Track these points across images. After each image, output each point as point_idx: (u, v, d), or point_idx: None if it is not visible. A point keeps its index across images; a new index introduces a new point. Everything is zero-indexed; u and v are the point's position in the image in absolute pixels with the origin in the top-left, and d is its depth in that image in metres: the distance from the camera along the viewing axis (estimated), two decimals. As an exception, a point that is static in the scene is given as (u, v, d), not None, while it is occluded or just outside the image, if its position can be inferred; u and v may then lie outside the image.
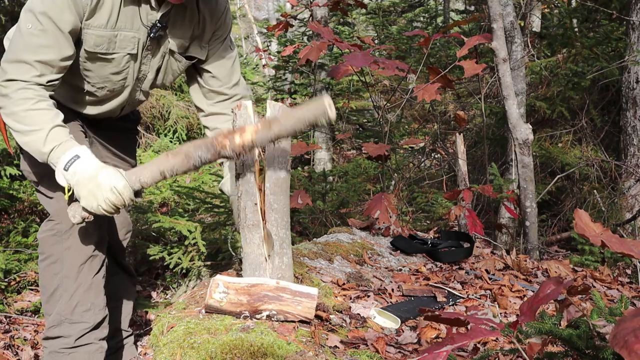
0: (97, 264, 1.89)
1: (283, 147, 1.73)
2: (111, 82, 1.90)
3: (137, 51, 1.86)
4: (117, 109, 2.04)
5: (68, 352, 1.87)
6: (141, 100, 2.08)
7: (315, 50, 3.16)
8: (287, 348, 1.37)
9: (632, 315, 0.80)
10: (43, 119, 1.69)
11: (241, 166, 1.71)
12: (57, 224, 1.85)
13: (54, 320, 1.87)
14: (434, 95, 3.05)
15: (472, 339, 0.96)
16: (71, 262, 1.85)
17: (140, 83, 1.98)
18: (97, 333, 1.90)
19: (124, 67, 1.87)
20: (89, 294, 1.87)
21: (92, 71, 1.86)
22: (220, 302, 1.49)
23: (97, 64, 1.84)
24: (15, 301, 3.15)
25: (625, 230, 4.01)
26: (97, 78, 1.88)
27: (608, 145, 5.01)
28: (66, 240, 1.84)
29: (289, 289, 1.54)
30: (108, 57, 1.82)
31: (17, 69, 1.69)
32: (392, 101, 5.02)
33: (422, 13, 12.23)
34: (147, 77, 1.97)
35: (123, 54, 1.84)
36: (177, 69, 2.01)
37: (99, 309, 1.90)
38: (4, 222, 4.01)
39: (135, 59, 1.87)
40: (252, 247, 1.64)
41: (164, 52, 1.93)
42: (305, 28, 10.01)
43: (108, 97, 1.96)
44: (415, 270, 2.58)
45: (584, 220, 1.36)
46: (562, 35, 5.35)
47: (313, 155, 7.70)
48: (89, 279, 1.87)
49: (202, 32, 1.96)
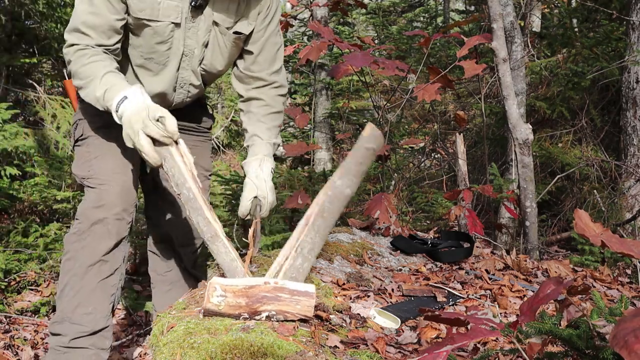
0: (108, 269, 1.91)
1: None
2: (157, 52, 1.95)
3: (181, 20, 1.91)
4: (170, 88, 2.04)
5: (63, 352, 1.88)
6: (194, 84, 2.07)
7: (315, 50, 3.16)
8: (287, 348, 1.37)
9: (632, 315, 0.80)
10: (96, 68, 1.80)
11: (177, 186, 1.63)
12: (80, 223, 1.91)
13: (58, 317, 1.90)
14: (434, 95, 3.05)
15: (472, 339, 0.96)
16: (82, 261, 1.88)
17: (189, 60, 2.00)
18: (94, 340, 1.89)
19: (169, 36, 1.92)
20: (92, 297, 1.88)
21: (139, 39, 1.93)
22: (219, 306, 1.49)
23: (143, 32, 1.91)
24: (15, 301, 3.15)
25: (625, 230, 4.01)
26: (143, 48, 1.94)
27: (608, 145, 5.01)
28: (83, 240, 1.89)
29: (287, 289, 1.54)
30: (152, 24, 1.89)
31: (73, 36, 1.85)
32: (392, 101, 5.02)
33: (422, 13, 12.24)
34: (195, 53, 1.99)
35: (167, 22, 1.90)
36: (225, 46, 2.02)
37: (101, 316, 1.90)
38: (4, 222, 4.01)
39: (179, 27, 1.92)
40: (221, 256, 1.65)
41: (209, 26, 1.96)
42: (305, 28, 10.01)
43: (157, 70, 1.99)
44: (415, 270, 2.58)
45: (584, 220, 1.36)
46: (562, 35, 5.35)
47: (313, 155, 7.70)
48: (94, 282, 1.88)
49: (247, 9, 1.98)
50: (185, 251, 2.32)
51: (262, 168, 2.01)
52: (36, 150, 4.27)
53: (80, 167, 2.00)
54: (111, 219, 1.89)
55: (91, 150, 1.99)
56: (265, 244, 3.54)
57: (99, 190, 1.92)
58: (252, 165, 2.02)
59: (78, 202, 3.81)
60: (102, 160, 1.96)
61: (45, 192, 3.77)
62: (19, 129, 4.06)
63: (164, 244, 2.33)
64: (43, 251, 3.40)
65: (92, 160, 1.97)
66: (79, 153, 2.04)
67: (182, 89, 2.08)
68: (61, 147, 4.67)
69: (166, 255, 2.34)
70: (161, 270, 2.35)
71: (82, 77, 1.82)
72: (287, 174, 5.78)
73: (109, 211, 1.89)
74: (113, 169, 1.95)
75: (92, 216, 1.89)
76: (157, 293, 2.37)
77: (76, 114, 2.11)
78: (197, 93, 2.13)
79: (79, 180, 2.01)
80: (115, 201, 1.91)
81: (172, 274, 2.34)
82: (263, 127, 2.10)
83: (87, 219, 1.89)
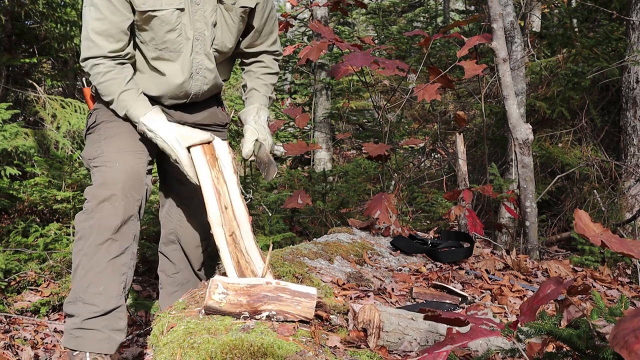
0: (116, 249, 1.91)
1: None
2: (169, 41, 2.00)
3: (185, 5, 1.95)
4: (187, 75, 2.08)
5: (75, 335, 1.89)
6: (209, 68, 2.11)
7: (315, 50, 3.16)
8: (287, 348, 1.37)
9: (632, 315, 0.80)
10: (112, 88, 1.95)
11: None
12: (88, 202, 1.93)
13: (71, 297, 1.92)
14: (434, 95, 3.05)
15: (472, 339, 0.96)
16: (92, 240, 1.89)
17: (201, 43, 2.04)
18: (106, 321, 1.90)
19: (176, 22, 1.97)
20: (101, 276, 1.89)
21: (149, 33, 1.98)
22: (220, 303, 1.49)
23: (151, 24, 1.95)
24: (15, 301, 3.14)
25: (625, 230, 4.01)
26: (155, 40, 1.99)
27: (608, 145, 5.01)
28: (91, 219, 1.90)
29: (289, 289, 1.54)
30: (158, 13, 1.93)
31: (85, 47, 1.95)
32: (392, 101, 5.02)
33: (422, 13, 12.24)
34: (205, 34, 2.04)
35: (172, 9, 1.94)
36: (233, 22, 2.08)
37: (112, 296, 1.90)
38: (4, 222, 4.01)
39: (185, 12, 1.97)
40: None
41: (214, 5, 2.01)
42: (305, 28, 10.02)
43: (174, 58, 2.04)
44: (415, 270, 2.58)
45: (584, 220, 1.36)
46: (562, 35, 5.35)
47: (313, 155, 7.70)
48: (103, 262, 1.89)
49: None
50: (194, 252, 2.33)
51: (259, 115, 2.16)
52: (36, 150, 4.27)
53: (89, 149, 2.04)
54: (118, 196, 1.90)
55: (101, 133, 2.04)
56: (265, 244, 3.54)
57: (105, 167, 1.95)
58: (250, 113, 2.16)
59: (78, 202, 3.82)
60: (111, 140, 2.01)
61: (45, 192, 3.77)
62: (19, 129, 4.06)
63: (173, 245, 2.34)
64: (43, 251, 3.39)
65: (102, 142, 2.01)
66: (89, 139, 2.09)
67: (199, 75, 2.11)
68: (61, 147, 4.67)
69: (175, 257, 2.34)
70: (170, 272, 2.36)
71: (103, 93, 1.99)
72: (287, 174, 5.78)
73: (114, 188, 1.91)
74: (119, 148, 1.98)
75: (99, 194, 1.90)
76: (164, 294, 2.37)
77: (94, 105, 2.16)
78: (213, 80, 2.16)
79: (87, 163, 2.04)
80: (121, 178, 1.92)
81: (180, 275, 2.35)
82: (260, 83, 2.27)
83: (94, 198, 1.91)
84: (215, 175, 1.85)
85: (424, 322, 1.57)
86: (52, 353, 2.74)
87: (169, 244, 2.34)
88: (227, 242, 1.74)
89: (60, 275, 3.30)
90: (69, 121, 4.82)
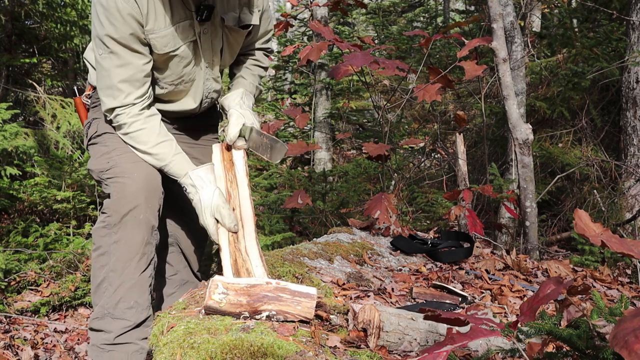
0: (145, 262, 1.90)
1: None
2: (185, 74, 1.98)
3: (196, 36, 1.93)
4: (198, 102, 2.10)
5: (107, 350, 1.88)
6: (216, 89, 2.13)
7: (316, 51, 3.15)
8: (287, 348, 1.36)
9: (632, 315, 0.80)
10: (142, 138, 1.91)
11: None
12: (108, 217, 1.89)
13: (98, 313, 1.90)
14: (434, 95, 3.05)
15: (472, 339, 0.96)
16: (118, 256, 1.87)
17: (209, 70, 2.05)
18: (138, 332, 1.90)
19: (192, 54, 1.95)
20: (132, 291, 1.88)
21: (167, 71, 1.95)
22: (220, 303, 1.49)
23: (171, 62, 1.93)
24: (15, 301, 3.14)
25: (625, 230, 4.01)
26: (172, 76, 1.97)
27: (608, 145, 5.01)
28: (115, 234, 1.87)
29: (289, 289, 1.54)
30: (177, 52, 1.91)
31: (107, 97, 1.88)
32: (392, 101, 5.02)
33: (422, 13, 12.24)
34: (214, 61, 2.04)
35: (187, 42, 1.92)
36: (236, 42, 2.08)
37: (142, 308, 1.90)
38: (4, 222, 4.01)
39: (197, 44, 1.95)
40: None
41: (221, 31, 1.99)
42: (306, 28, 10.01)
43: (187, 88, 2.04)
44: (415, 270, 2.58)
45: (584, 220, 1.36)
46: (562, 35, 5.35)
47: (313, 155, 7.70)
48: (135, 276, 1.88)
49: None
50: (193, 254, 2.33)
51: (244, 100, 2.08)
52: (36, 150, 4.26)
53: (98, 161, 1.98)
54: (142, 207, 1.87)
55: (109, 144, 1.99)
56: (265, 244, 3.54)
57: (123, 179, 1.91)
58: (233, 97, 2.09)
59: (78, 202, 3.82)
60: (121, 151, 1.96)
61: (45, 192, 3.77)
62: (19, 129, 4.06)
63: (171, 248, 2.33)
64: (43, 251, 3.39)
65: (112, 152, 1.96)
66: (94, 150, 2.03)
67: (207, 99, 2.13)
68: (61, 147, 4.67)
69: (173, 259, 2.34)
70: (167, 274, 2.35)
71: (130, 144, 1.94)
72: (287, 174, 5.77)
73: (136, 200, 1.87)
74: (133, 159, 1.94)
75: (121, 208, 1.86)
76: (162, 295, 2.37)
77: (90, 113, 2.12)
78: (217, 96, 2.19)
79: (97, 175, 1.99)
80: (142, 189, 1.89)
81: (177, 277, 2.35)
82: (248, 72, 2.24)
83: (115, 212, 1.86)
84: (230, 178, 1.90)
85: (424, 322, 1.57)
86: (52, 353, 2.74)
87: (166, 247, 2.34)
88: (229, 242, 1.76)
89: (60, 275, 3.30)
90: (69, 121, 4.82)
